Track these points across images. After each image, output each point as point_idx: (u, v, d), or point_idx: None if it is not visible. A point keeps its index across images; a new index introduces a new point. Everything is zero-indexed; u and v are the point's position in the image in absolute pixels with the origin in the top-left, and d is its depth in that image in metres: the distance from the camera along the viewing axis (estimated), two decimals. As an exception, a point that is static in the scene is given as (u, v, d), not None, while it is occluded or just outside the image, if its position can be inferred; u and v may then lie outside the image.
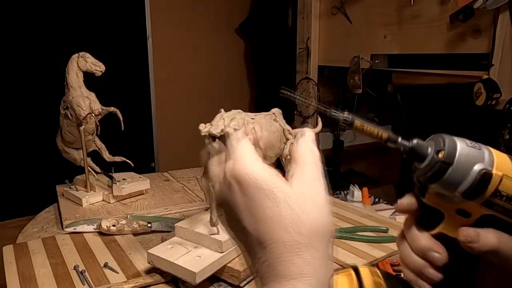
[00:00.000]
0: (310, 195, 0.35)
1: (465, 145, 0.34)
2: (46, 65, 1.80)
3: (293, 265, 0.33)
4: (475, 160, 0.34)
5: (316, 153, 0.38)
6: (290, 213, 0.33)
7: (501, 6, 1.14)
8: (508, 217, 0.35)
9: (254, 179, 0.35)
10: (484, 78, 1.20)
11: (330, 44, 1.90)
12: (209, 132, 0.74)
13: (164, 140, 2.31)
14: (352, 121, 0.38)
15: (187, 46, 2.41)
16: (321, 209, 0.35)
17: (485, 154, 0.34)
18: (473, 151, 0.34)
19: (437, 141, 0.36)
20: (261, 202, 0.34)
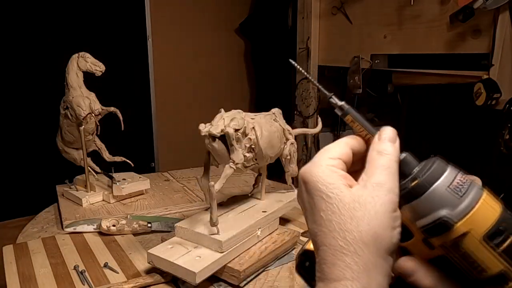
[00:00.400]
0: (364, 201, 0.34)
1: (446, 185, 0.33)
2: (46, 65, 1.80)
3: (336, 268, 0.33)
4: (444, 205, 0.32)
5: (390, 153, 0.36)
6: (338, 219, 0.34)
7: (501, 6, 1.14)
8: (464, 269, 0.33)
9: (316, 181, 0.35)
10: (484, 78, 1.20)
11: (330, 44, 1.90)
12: (209, 132, 0.74)
13: (164, 140, 2.31)
14: (345, 113, 0.38)
15: (187, 46, 2.41)
16: (373, 217, 0.33)
17: (462, 204, 0.32)
18: (448, 195, 0.32)
19: (426, 164, 0.35)
20: (318, 204, 0.35)
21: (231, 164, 0.76)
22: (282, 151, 0.89)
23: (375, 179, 0.35)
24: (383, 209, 0.34)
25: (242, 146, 0.77)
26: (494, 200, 0.33)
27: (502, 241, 0.31)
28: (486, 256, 0.31)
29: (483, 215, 0.32)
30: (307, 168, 0.37)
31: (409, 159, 0.36)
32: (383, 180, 0.35)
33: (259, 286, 0.77)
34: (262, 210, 0.88)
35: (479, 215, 0.32)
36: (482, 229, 0.31)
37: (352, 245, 0.33)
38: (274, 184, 1.28)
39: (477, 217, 0.32)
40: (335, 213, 0.34)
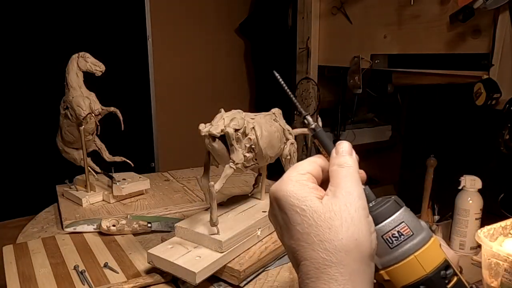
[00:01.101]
0: (338, 210, 0.34)
1: (381, 233, 0.35)
2: (46, 65, 1.79)
3: (320, 282, 0.33)
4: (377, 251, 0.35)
5: (349, 164, 0.37)
6: (316, 230, 0.34)
7: (501, 6, 1.14)
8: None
9: (288, 196, 0.36)
10: (484, 78, 1.20)
11: (330, 44, 1.90)
12: (209, 132, 0.74)
13: (164, 140, 2.31)
14: (314, 135, 0.40)
15: (187, 46, 2.41)
16: (350, 224, 0.34)
17: (390, 255, 0.34)
18: (380, 244, 0.35)
19: (377, 205, 0.36)
20: (293, 218, 0.35)
21: (231, 164, 0.76)
22: (282, 151, 0.89)
23: (343, 188, 0.35)
24: (358, 215, 0.34)
25: (242, 146, 0.77)
26: (431, 255, 0.34)
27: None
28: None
29: (406, 272, 0.34)
30: (277, 185, 0.37)
31: (367, 192, 0.37)
32: (351, 188, 0.35)
33: (259, 286, 0.77)
34: (262, 210, 0.88)
35: (402, 271, 0.34)
36: (402, 283, 0.34)
37: (334, 255, 0.33)
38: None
39: (399, 272, 0.34)
40: (311, 225, 0.34)
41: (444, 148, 1.70)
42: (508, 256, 0.72)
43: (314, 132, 0.40)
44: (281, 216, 0.37)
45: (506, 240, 0.80)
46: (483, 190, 0.99)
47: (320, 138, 0.40)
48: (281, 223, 0.37)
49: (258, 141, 0.79)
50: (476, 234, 0.78)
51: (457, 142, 1.73)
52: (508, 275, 0.71)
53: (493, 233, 0.80)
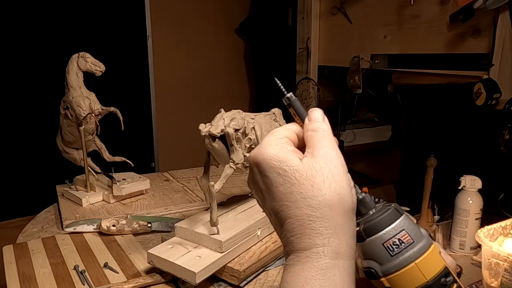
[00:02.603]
0: (319, 167, 0.35)
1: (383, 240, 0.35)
2: (46, 65, 1.79)
3: (306, 237, 0.34)
4: (374, 258, 0.35)
5: (324, 128, 0.38)
6: (299, 188, 0.34)
7: (501, 6, 1.14)
8: None
9: (269, 159, 0.36)
10: (484, 78, 1.20)
11: (330, 44, 1.90)
12: (209, 132, 0.74)
13: (164, 140, 2.31)
14: (288, 104, 0.41)
15: (187, 46, 2.41)
16: (332, 180, 0.35)
17: (391, 262, 0.35)
18: (381, 252, 0.35)
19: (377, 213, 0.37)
20: (275, 180, 0.36)
21: (231, 164, 0.76)
22: (282, 151, 0.89)
23: (320, 148, 0.36)
24: (339, 171, 0.35)
25: (242, 146, 0.77)
26: (431, 263, 0.35)
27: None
28: None
29: (408, 278, 0.34)
30: (256, 151, 0.38)
31: (367, 200, 0.38)
32: (328, 147, 0.37)
33: (259, 286, 0.77)
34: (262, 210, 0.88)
35: (404, 277, 0.34)
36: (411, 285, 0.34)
37: (318, 209, 0.34)
38: (274, 184, 1.28)
39: (401, 279, 0.34)
40: (294, 184, 0.35)
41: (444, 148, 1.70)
42: (508, 256, 0.72)
43: (289, 102, 0.41)
44: (262, 180, 0.37)
45: (506, 240, 0.80)
46: (483, 190, 0.99)
47: (295, 107, 0.41)
48: (262, 187, 0.37)
49: (258, 141, 0.79)
50: (476, 234, 0.78)
51: (457, 142, 1.73)
52: (508, 275, 0.71)
53: (493, 233, 0.80)
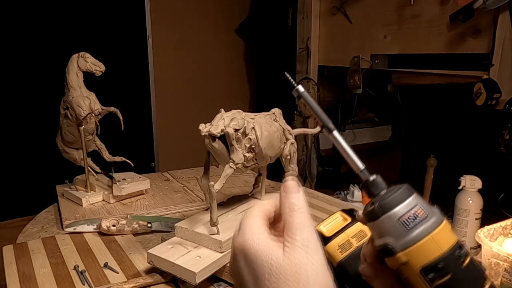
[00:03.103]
0: (302, 263, 0.35)
1: (398, 216, 0.35)
2: (46, 65, 1.79)
3: None
4: (390, 234, 0.35)
5: (301, 207, 0.39)
6: (285, 285, 0.35)
7: (501, 6, 1.14)
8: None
9: (256, 252, 0.37)
10: (484, 78, 1.20)
11: (330, 44, 1.90)
12: (209, 132, 0.74)
13: (164, 140, 2.31)
14: (300, 96, 0.41)
15: (187, 46, 2.41)
16: (315, 276, 0.35)
17: (407, 236, 0.35)
18: (396, 226, 0.35)
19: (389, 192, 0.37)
20: (262, 273, 0.36)
21: (231, 164, 0.76)
22: (282, 151, 0.89)
23: (300, 239, 0.37)
24: (320, 265, 0.36)
25: (242, 146, 0.77)
26: (445, 236, 0.35)
27: (438, 277, 0.34)
28: (421, 286, 0.35)
29: (424, 251, 0.34)
30: (242, 240, 0.38)
31: (378, 181, 0.39)
32: (306, 238, 0.37)
33: (259, 286, 0.77)
34: None
35: (420, 250, 0.34)
36: (420, 264, 0.34)
37: None
38: (274, 184, 1.28)
39: (418, 252, 0.34)
40: (280, 279, 0.35)
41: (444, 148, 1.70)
42: (508, 256, 0.72)
43: (299, 93, 0.41)
44: (248, 271, 0.38)
45: (506, 240, 0.80)
46: (483, 190, 0.99)
47: (305, 97, 0.41)
48: (248, 278, 0.38)
49: (258, 141, 0.79)
50: (476, 234, 0.78)
51: (457, 142, 1.73)
52: (508, 275, 0.71)
53: (493, 233, 0.80)
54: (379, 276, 0.39)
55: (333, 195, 1.70)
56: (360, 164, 0.40)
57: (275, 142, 0.84)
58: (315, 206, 1.15)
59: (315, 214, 1.09)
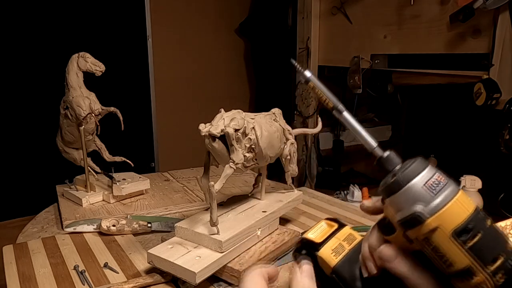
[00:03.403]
0: None
1: (422, 182, 0.35)
2: (46, 65, 1.80)
3: None
4: (418, 201, 0.35)
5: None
6: None
7: (501, 6, 1.14)
8: (436, 263, 0.36)
9: None
10: (484, 78, 1.20)
11: (330, 44, 1.90)
12: (209, 132, 0.74)
13: (164, 140, 2.31)
14: (308, 80, 0.41)
15: (187, 46, 2.41)
16: None
17: (435, 201, 0.34)
18: (422, 192, 0.35)
19: (407, 163, 0.37)
20: None
21: (231, 164, 0.76)
22: (282, 151, 0.89)
23: None
24: None
25: (242, 146, 0.77)
26: (467, 200, 0.35)
27: (470, 238, 0.33)
28: (454, 251, 0.34)
29: (454, 213, 0.34)
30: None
31: (392, 156, 0.39)
32: None
33: (259, 286, 0.77)
34: (262, 210, 0.88)
35: (450, 213, 0.34)
36: (452, 226, 0.34)
37: None
38: (274, 184, 1.28)
39: (448, 215, 0.34)
40: None
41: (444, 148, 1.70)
42: (508, 256, 0.71)
43: (307, 78, 0.42)
44: None
45: (506, 240, 0.80)
46: (483, 190, 0.99)
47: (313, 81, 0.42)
48: None
49: (258, 141, 0.79)
50: (476, 234, 0.78)
51: (457, 142, 1.73)
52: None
53: (493, 233, 0.80)
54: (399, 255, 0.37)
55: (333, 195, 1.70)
56: (372, 142, 0.40)
57: (275, 142, 0.84)
58: (315, 206, 1.15)
59: (315, 214, 1.09)
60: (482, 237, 0.34)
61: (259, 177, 0.95)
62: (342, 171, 2.35)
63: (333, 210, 1.12)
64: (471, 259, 0.34)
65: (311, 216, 1.08)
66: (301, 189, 1.15)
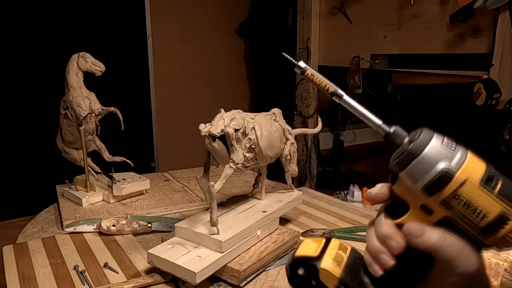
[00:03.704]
0: None
1: (439, 143, 0.35)
2: (46, 65, 1.79)
3: None
4: (441, 158, 0.35)
5: None
6: None
7: (501, 6, 1.14)
8: (465, 223, 0.35)
9: None
10: (484, 78, 1.20)
11: (330, 44, 1.90)
12: (209, 132, 0.74)
13: (164, 140, 2.31)
14: (304, 70, 0.40)
15: (187, 46, 2.41)
16: None
17: (456, 156, 0.35)
18: (443, 150, 0.35)
19: (415, 132, 0.37)
20: None
21: (231, 164, 0.76)
22: (282, 151, 0.89)
23: None
24: None
25: (242, 146, 0.77)
26: (476, 155, 0.36)
27: (495, 184, 0.34)
28: (486, 200, 0.34)
29: (476, 164, 0.35)
30: None
31: (399, 130, 0.39)
32: None
33: (259, 286, 0.77)
34: (262, 210, 0.88)
35: (473, 164, 0.35)
36: (478, 175, 0.34)
37: None
38: (274, 184, 1.28)
39: (471, 166, 0.35)
40: None
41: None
42: (508, 256, 0.72)
43: (302, 68, 0.41)
44: None
45: (506, 240, 0.80)
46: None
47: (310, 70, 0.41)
48: None
49: (258, 141, 0.79)
50: (476, 234, 0.78)
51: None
52: (508, 275, 0.71)
53: (493, 233, 0.80)
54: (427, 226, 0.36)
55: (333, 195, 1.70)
56: (377, 120, 0.40)
57: (275, 142, 0.84)
58: (315, 206, 1.15)
59: (315, 214, 1.09)
60: (505, 182, 0.35)
61: (259, 177, 0.95)
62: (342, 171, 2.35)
63: (333, 210, 1.12)
64: (503, 204, 0.34)
65: (311, 216, 1.08)
66: (301, 189, 1.15)
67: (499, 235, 0.35)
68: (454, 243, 0.36)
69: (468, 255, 0.36)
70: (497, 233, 0.35)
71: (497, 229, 0.35)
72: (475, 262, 0.36)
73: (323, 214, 1.09)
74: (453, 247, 0.36)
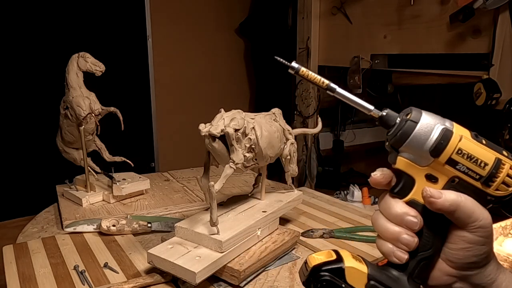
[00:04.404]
0: None
1: (430, 113, 0.40)
2: (46, 65, 1.79)
3: None
4: (437, 121, 0.39)
5: None
6: None
7: (501, 6, 1.14)
8: (471, 177, 0.39)
9: None
10: (484, 78, 1.20)
11: (330, 44, 1.90)
12: (209, 132, 0.74)
13: (164, 140, 2.31)
14: (298, 69, 0.42)
15: (187, 46, 2.41)
16: None
17: (446, 120, 0.39)
18: (435, 117, 0.40)
19: (405, 110, 0.42)
20: None
21: (231, 164, 0.76)
22: (282, 151, 0.89)
23: None
24: None
25: (242, 146, 0.77)
26: None
27: (481, 139, 0.39)
28: (482, 150, 0.39)
29: (461, 127, 0.40)
30: None
31: (390, 112, 0.43)
32: None
33: (259, 286, 0.77)
34: (262, 210, 0.88)
35: (459, 126, 0.40)
36: (468, 133, 0.39)
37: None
38: (274, 184, 1.28)
39: (459, 127, 0.40)
40: None
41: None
42: (508, 256, 0.72)
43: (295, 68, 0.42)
44: None
45: (506, 240, 0.80)
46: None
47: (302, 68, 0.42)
48: None
49: (258, 141, 0.79)
50: (476, 234, 0.78)
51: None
52: (508, 275, 0.71)
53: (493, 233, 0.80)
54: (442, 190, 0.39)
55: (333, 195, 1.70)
56: (369, 106, 0.43)
57: (275, 142, 0.84)
58: (315, 206, 1.15)
59: (315, 214, 1.09)
60: (485, 138, 0.40)
61: (259, 177, 0.95)
62: (342, 171, 2.35)
63: (333, 210, 1.12)
64: (494, 152, 0.39)
65: (311, 216, 1.08)
66: (301, 189, 1.15)
67: (499, 180, 0.38)
68: (469, 198, 0.39)
69: (482, 207, 0.39)
70: (497, 178, 0.38)
71: (496, 175, 0.38)
72: (488, 214, 0.39)
73: (323, 214, 1.09)
74: (470, 201, 0.38)
